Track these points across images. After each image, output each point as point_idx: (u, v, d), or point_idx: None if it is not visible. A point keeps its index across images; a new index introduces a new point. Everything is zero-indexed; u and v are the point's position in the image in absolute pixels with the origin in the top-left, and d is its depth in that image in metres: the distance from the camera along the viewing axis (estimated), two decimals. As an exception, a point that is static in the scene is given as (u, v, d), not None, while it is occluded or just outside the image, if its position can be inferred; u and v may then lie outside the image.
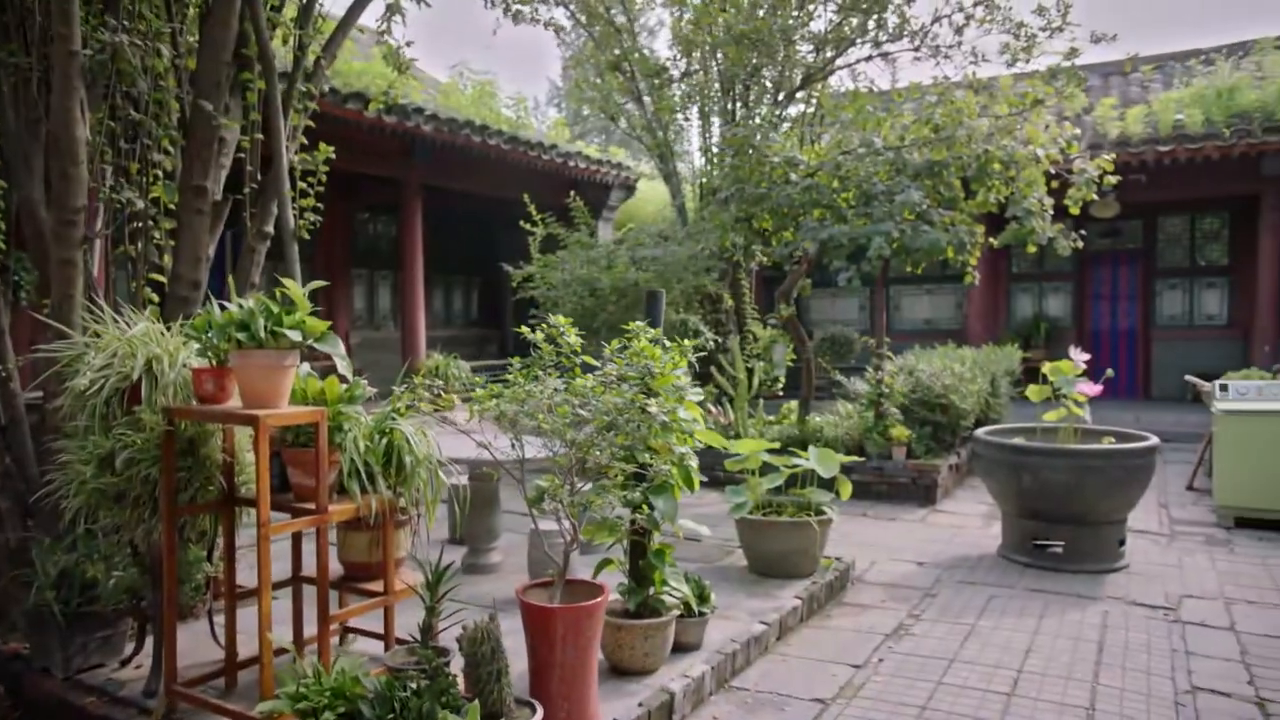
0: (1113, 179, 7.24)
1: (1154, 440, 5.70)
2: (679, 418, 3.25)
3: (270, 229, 4.44)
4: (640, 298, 9.77)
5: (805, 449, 5.51)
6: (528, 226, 10.29)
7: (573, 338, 3.33)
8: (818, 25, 9.04)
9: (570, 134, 14.23)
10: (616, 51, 10.76)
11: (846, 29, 8.65)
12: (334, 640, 3.85)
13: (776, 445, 5.46)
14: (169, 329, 3.59)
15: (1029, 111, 7.76)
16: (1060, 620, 4.75)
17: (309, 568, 3.87)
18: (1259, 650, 4.40)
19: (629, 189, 14.51)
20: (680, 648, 3.93)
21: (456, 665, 3.23)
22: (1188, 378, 9.17)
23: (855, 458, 7.21)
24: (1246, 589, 5.34)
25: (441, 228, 13.78)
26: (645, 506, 3.37)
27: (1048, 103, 7.90)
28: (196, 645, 3.87)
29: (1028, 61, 7.81)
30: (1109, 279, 13.35)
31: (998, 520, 7.09)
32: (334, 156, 4.59)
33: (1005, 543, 6.04)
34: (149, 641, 3.79)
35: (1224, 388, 7.13)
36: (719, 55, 9.61)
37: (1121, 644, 4.41)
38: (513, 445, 3.47)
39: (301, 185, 4.52)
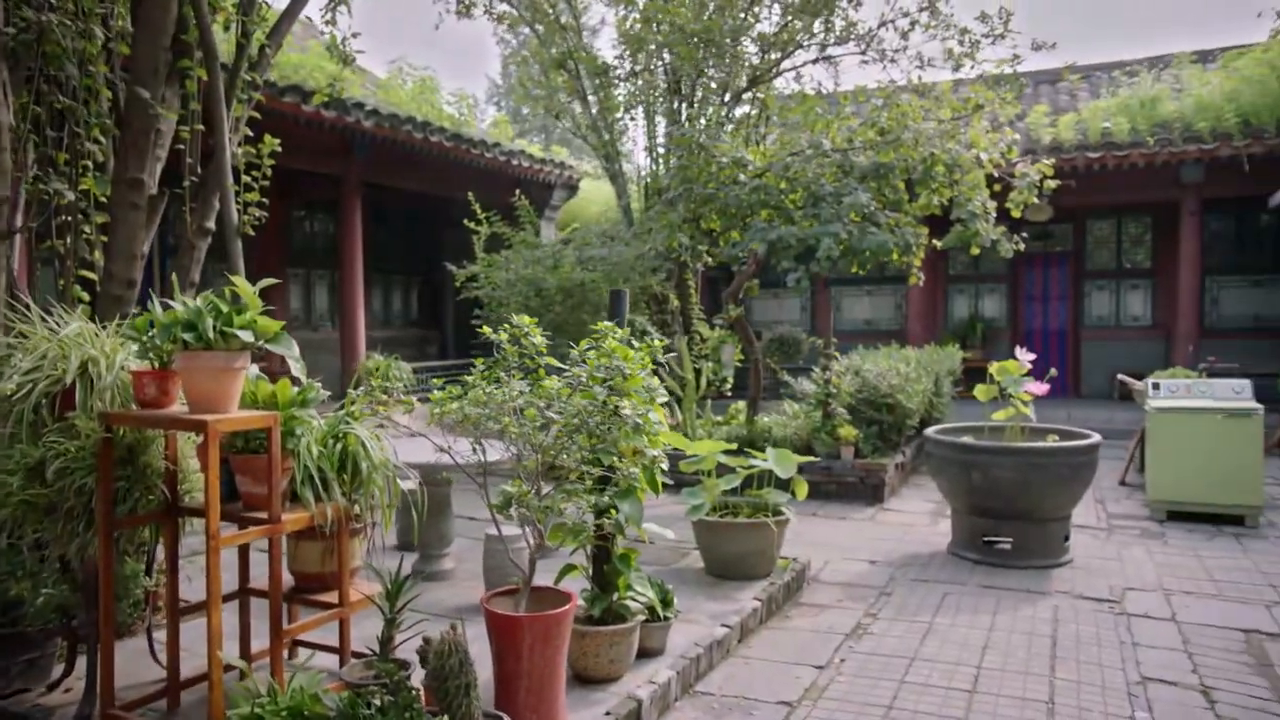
0: (1052, 183, 7.44)
1: (1096, 438, 5.86)
2: (651, 420, 3.18)
3: (211, 225, 4.23)
4: (587, 298, 9.71)
5: (754, 449, 5.50)
6: (472, 225, 10.12)
7: (538, 338, 3.23)
8: (765, 27, 9.09)
9: (512, 132, 14.04)
10: (561, 49, 10.65)
11: (792, 30, 8.70)
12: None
13: (733, 446, 5.43)
14: (104, 329, 3.39)
15: (970, 116, 7.92)
16: (1013, 616, 4.82)
17: (256, 579, 3.70)
18: (1199, 639, 4.54)
19: (572, 189, 14.40)
20: (644, 653, 3.86)
21: (417, 678, 3.11)
22: (1120, 376, 9.49)
23: (805, 457, 7.24)
24: (1183, 580, 5.52)
25: (381, 226, 13.47)
26: (612, 510, 3.30)
27: (986, 109, 8.09)
28: (134, 665, 3.66)
29: (972, 67, 7.98)
30: (1041, 280, 13.76)
31: (945, 518, 7.22)
32: (280, 149, 4.40)
33: (955, 540, 6.13)
34: (80, 663, 3.57)
35: (1156, 386, 7.38)
36: (666, 55, 9.59)
37: (1073, 637, 4.50)
38: (474, 449, 3.36)
39: (245, 179, 4.31)
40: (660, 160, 10.93)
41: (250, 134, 4.34)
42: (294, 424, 3.23)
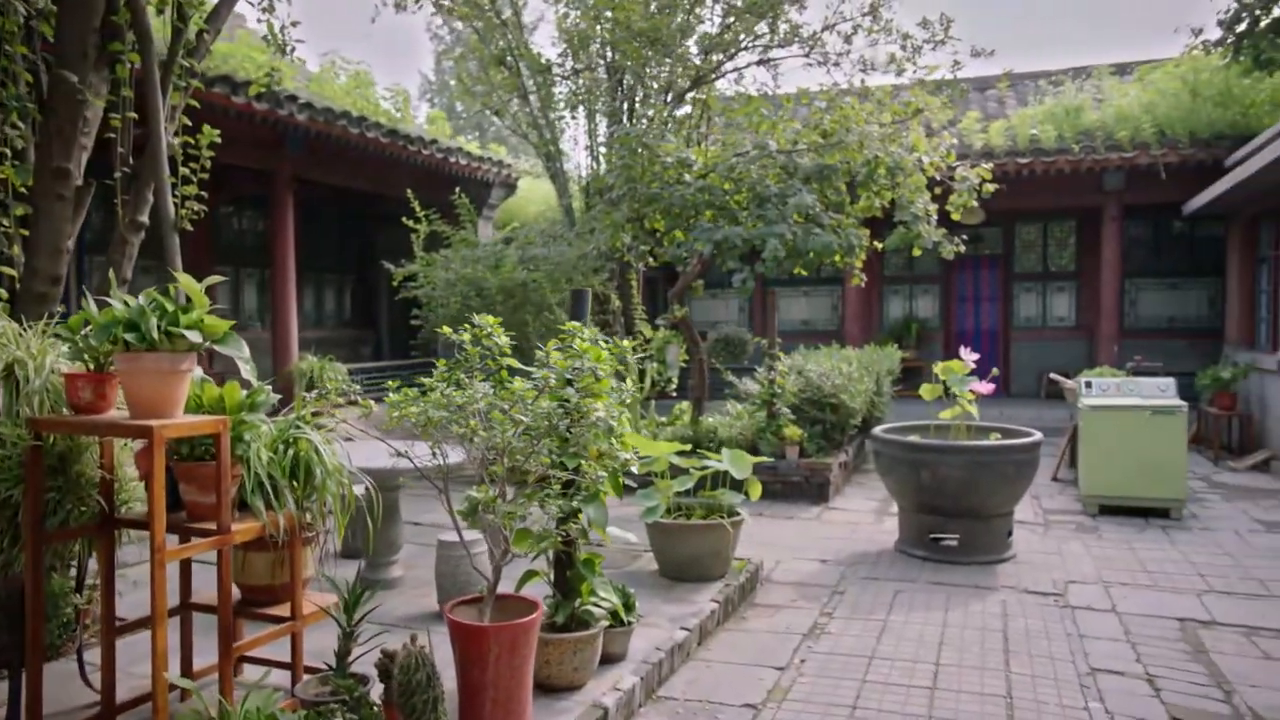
0: (990, 186, 7.62)
1: (1038, 435, 6.01)
2: (625, 421, 3.11)
3: (145, 219, 4.00)
4: (529, 298, 9.58)
5: (701, 450, 5.48)
6: (411, 224, 9.88)
7: (501, 339, 3.13)
8: (708, 28, 9.10)
9: (450, 129, 13.77)
10: (501, 45, 10.49)
11: (736, 31, 8.73)
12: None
13: (688, 447, 5.40)
14: (29, 329, 3.16)
15: (910, 120, 8.07)
16: (965, 612, 4.90)
17: (197, 593, 3.51)
18: (1139, 630, 4.69)
19: (510, 187, 14.20)
20: (606, 659, 3.79)
21: (376, 692, 2.98)
22: (1052, 375, 9.79)
23: (752, 458, 7.27)
24: (1119, 572, 5.70)
25: (313, 223, 13.06)
26: (578, 515, 3.21)
27: (924, 113, 8.25)
28: (64, 690, 3.42)
29: (915, 72, 8.13)
30: (972, 282, 14.14)
31: (889, 516, 7.33)
32: (219, 141, 4.18)
33: (902, 538, 6.22)
34: (3, 689, 3.32)
35: (1089, 385, 7.62)
36: (609, 53, 9.52)
37: (1023, 631, 4.59)
38: (434, 453, 3.24)
39: (183, 171, 4.09)
40: (602, 159, 10.85)
41: (189, 123, 4.11)
42: (243, 429, 3.06)
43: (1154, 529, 6.82)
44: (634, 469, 3.35)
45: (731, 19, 8.81)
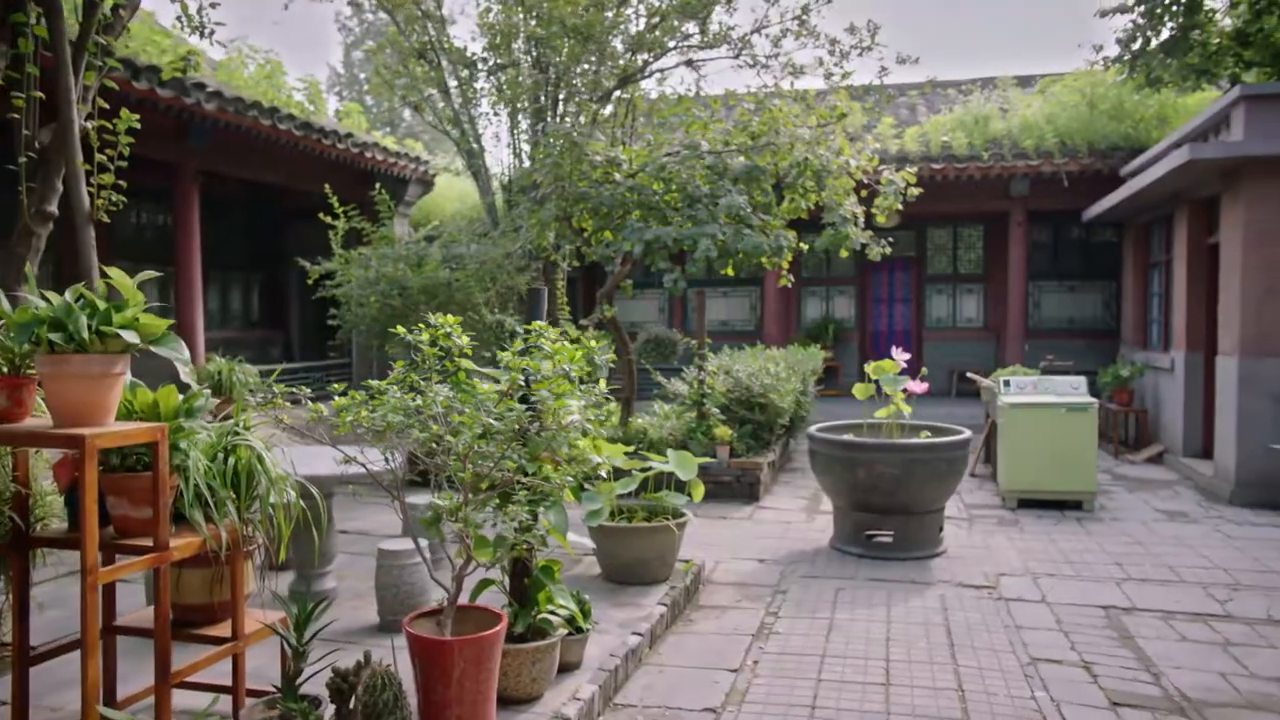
0: (915, 190, 7.82)
1: (968, 433, 6.19)
2: (600, 424, 3.02)
3: (54, 209, 3.68)
4: (453, 297, 9.34)
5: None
6: (328, 220, 9.50)
7: (463, 340, 2.99)
8: (637, 26, 9.06)
9: (366, 123, 13.33)
10: (422, 38, 10.20)
11: (665, 30, 8.72)
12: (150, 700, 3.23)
13: (632, 449, 5.33)
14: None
15: (835, 124, 8.20)
16: (906, 607, 4.99)
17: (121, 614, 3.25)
18: (1069, 619, 4.86)
19: (427, 184, 13.83)
20: (562, 667, 3.69)
21: (328, 715, 2.81)
22: (969, 374, 10.13)
23: (695, 459, 7.26)
24: (1044, 563, 5.92)
25: (218, 218, 12.42)
26: (544, 522, 3.10)
27: (849, 118, 8.41)
28: (-31, 724, 3.11)
29: (843, 76, 8.27)
30: (887, 284, 14.53)
31: (819, 514, 7.44)
32: (138, 126, 3.87)
33: (837, 535, 6.30)
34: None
35: (1007, 384, 7.90)
36: (535, 49, 9.38)
37: (964, 625, 4.70)
38: (387, 460, 3.08)
39: (100, 158, 3.78)
40: (526, 157, 10.69)
41: (107, 105, 3.81)
42: (179, 436, 2.84)
43: (1069, 520, 7.12)
44: (603, 473, 3.26)
45: (659, 18, 8.79)
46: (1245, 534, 6.71)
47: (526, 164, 10.60)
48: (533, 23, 8.84)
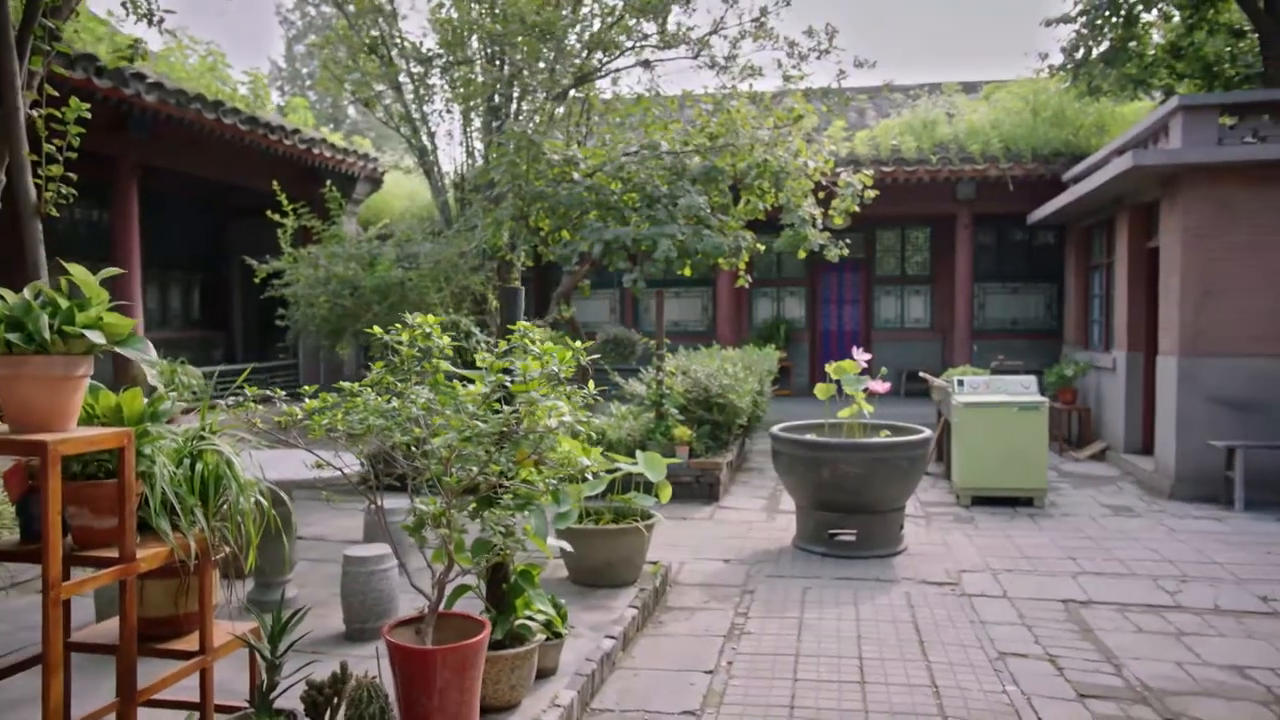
0: (872, 193, 7.93)
1: (928, 432, 6.28)
2: (591, 425, 2.96)
3: (-2, 202, 3.49)
4: (406, 297, 9.17)
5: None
6: (277, 217, 9.24)
7: (444, 340, 2.91)
8: (592, 28, 9.00)
9: (313, 119, 13.01)
10: (374, 33, 9.98)
11: (622, 29, 8.68)
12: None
13: (598, 451, 5.26)
14: None
15: (792, 126, 8.27)
16: (873, 605, 5.03)
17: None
18: (1031, 613, 4.97)
19: (376, 182, 13.59)
20: (539, 673, 3.62)
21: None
22: (922, 374, 10.30)
23: (664, 460, 7.23)
24: (1002, 559, 6.04)
25: (157, 215, 12.00)
26: (526, 526, 3.03)
27: (805, 120, 8.48)
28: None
29: (802, 79, 8.34)
30: (836, 285, 14.72)
31: (779, 513, 7.48)
32: (88, 116, 3.69)
33: (800, 535, 6.34)
34: None
35: (961, 383, 8.05)
36: (490, 46, 9.26)
37: (931, 621, 4.76)
38: (362, 464, 2.98)
39: (47, 149, 3.59)
40: (479, 155, 10.55)
41: (57, 93, 3.62)
42: (144, 442, 2.70)
43: (1022, 517, 7.29)
44: (589, 475, 3.21)
45: (616, 17, 8.75)
46: (1187, 527, 6.94)
47: (480, 162, 10.46)
48: (488, 19, 8.71)
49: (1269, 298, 7.72)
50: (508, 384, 2.77)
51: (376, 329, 3.00)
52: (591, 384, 3.30)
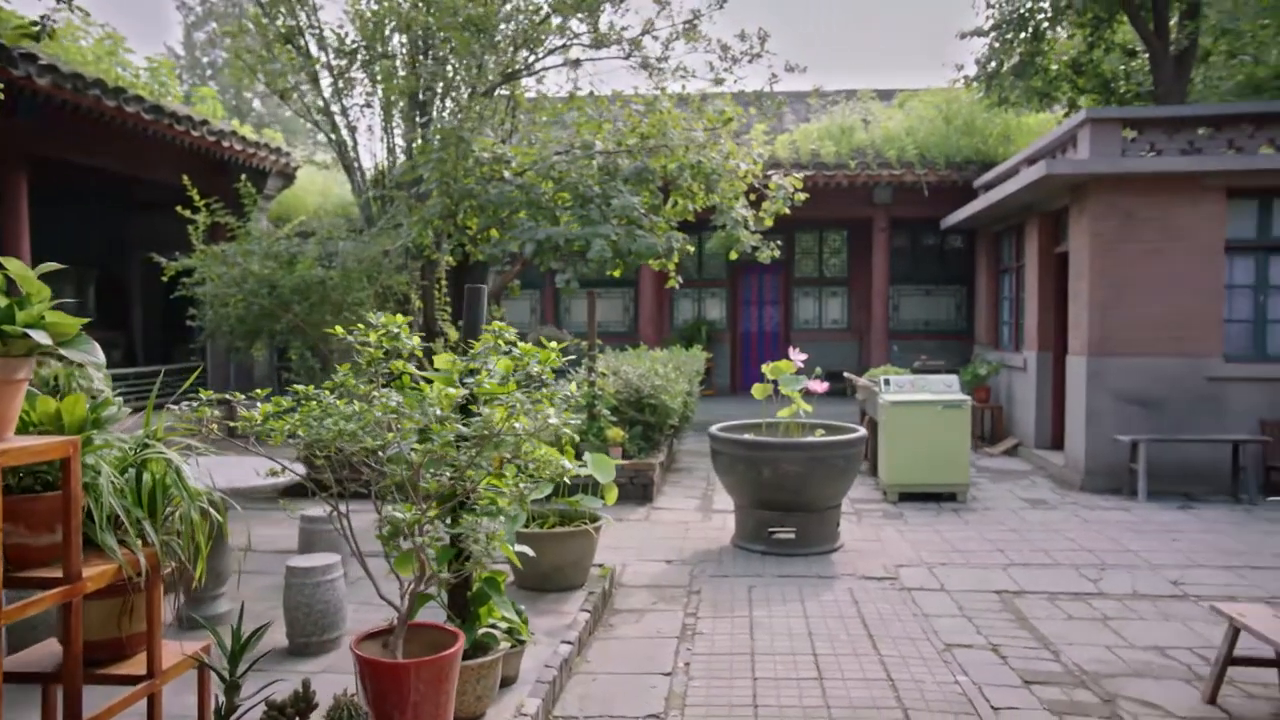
0: (802, 196, 8.05)
1: (863, 431, 6.42)
2: (574, 429, 2.89)
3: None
4: (328, 297, 8.86)
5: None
6: (187, 213, 8.77)
7: (414, 340, 2.79)
8: (519, 24, 8.86)
9: (223, 110, 12.42)
10: (290, 23, 9.59)
11: (549, 27, 8.58)
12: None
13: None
14: None
15: (722, 129, 8.33)
16: (819, 602, 5.10)
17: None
18: (969, 604, 5.13)
19: (288, 178, 13.07)
20: (501, 681, 3.53)
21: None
22: (846, 374, 10.54)
23: (612, 461, 7.18)
24: (934, 553, 6.22)
25: (47, 208, 11.25)
26: (499, 533, 2.94)
27: (733, 123, 8.56)
28: None
29: (735, 82, 8.41)
30: (756, 287, 14.95)
31: (714, 513, 7.53)
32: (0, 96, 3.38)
33: (739, 533, 6.38)
34: None
35: (888, 382, 8.27)
36: (418, 39, 9.01)
37: (877, 616, 4.85)
38: (334, 475, 2.84)
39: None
40: (401, 152, 10.26)
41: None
42: (86, 451, 2.50)
43: (948, 512, 7.53)
44: (567, 479, 3.14)
45: (544, 16, 8.65)
46: (1099, 517, 7.31)
47: (402, 159, 10.19)
48: (416, 11, 8.47)
49: (1168, 301, 8.20)
50: (486, 384, 2.68)
51: (339, 329, 2.85)
52: (573, 385, 3.22)
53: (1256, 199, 8.33)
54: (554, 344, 3.03)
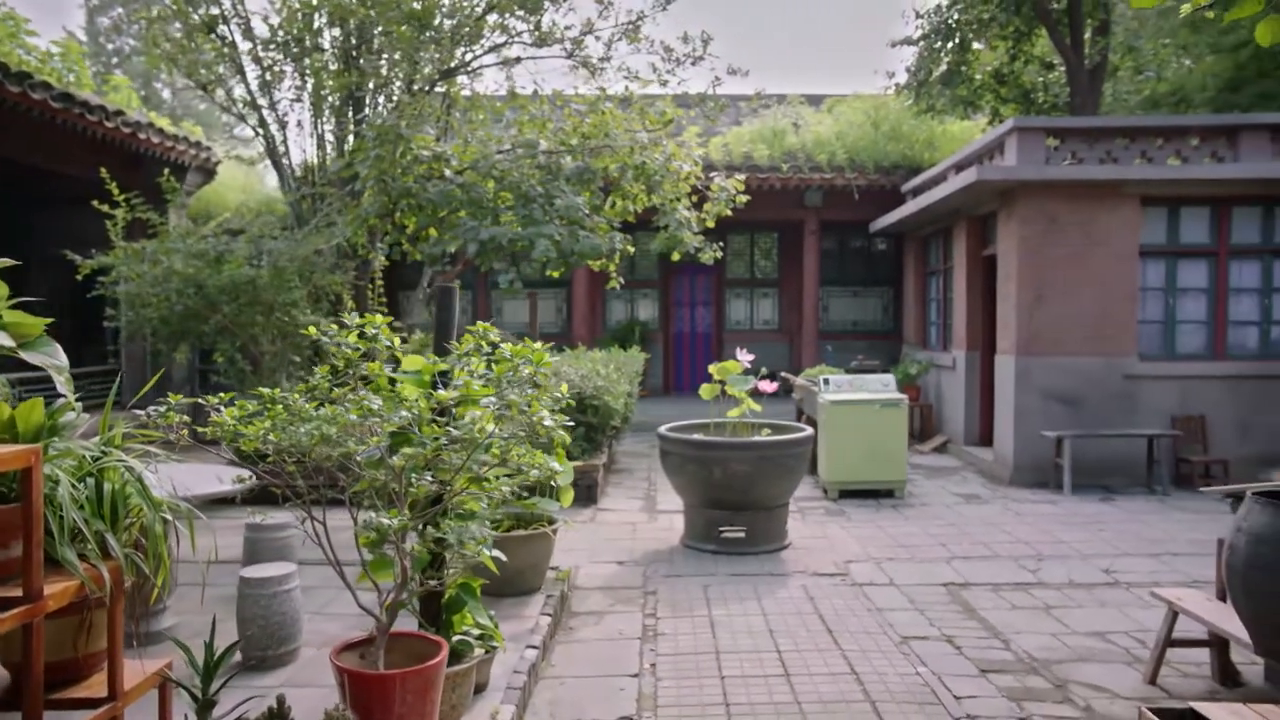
0: (744, 198, 8.14)
1: (810, 430, 6.52)
2: (565, 433, 2.83)
3: None
4: (258, 297, 8.55)
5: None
6: (106, 208, 8.33)
7: (395, 340, 2.70)
8: (456, 21, 8.71)
9: (139, 100, 11.84)
10: (213, 11, 9.22)
11: (491, 25, 8.47)
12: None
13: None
14: None
15: (662, 130, 8.37)
16: (775, 600, 5.16)
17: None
18: (920, 598, 5.26)
19: (209, 173, 12.56)
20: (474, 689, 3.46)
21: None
22: (782, 374, 10.69)
23: (570, 463, 7.11)
24: (880, 548, 6.37)
25: (-58, 202, 10.55)
26: (480, 539, 2.87)
27: (671, 125, 8.60)
28: None
29: (679, 83, 8.45)
30: (689, 287, 15.05)
31: (659, 514, 7.54)
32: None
33: (689, 533, 6.40)
34: None
35: (827, 382, 8.43)
36: (354, 33, 8.77)
37: (833, 612, 4.93)
38: (313, 481, 2.73)
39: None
40: (332, 148, 9.98)
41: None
42: (46, 460, 2.34)
43: (887, 508, 7.72)
44: (558, 482, 3.08)
45: (485, 10, 8.54)
46: (1030, 510, 7.60)
47: (333, 155, 9.91)
48: (351, 3, 8.24)
49: (1090, 303, 8.59)
50: (475, 386, 2.61)
51: (313, 329, 2.74)
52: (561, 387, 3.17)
53: (1166, 207, 8.79)
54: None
